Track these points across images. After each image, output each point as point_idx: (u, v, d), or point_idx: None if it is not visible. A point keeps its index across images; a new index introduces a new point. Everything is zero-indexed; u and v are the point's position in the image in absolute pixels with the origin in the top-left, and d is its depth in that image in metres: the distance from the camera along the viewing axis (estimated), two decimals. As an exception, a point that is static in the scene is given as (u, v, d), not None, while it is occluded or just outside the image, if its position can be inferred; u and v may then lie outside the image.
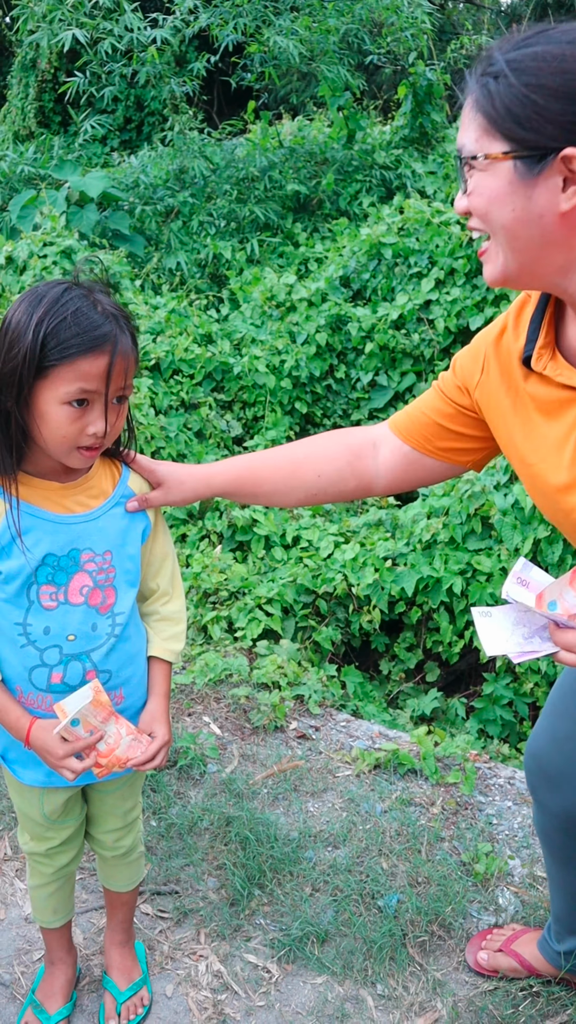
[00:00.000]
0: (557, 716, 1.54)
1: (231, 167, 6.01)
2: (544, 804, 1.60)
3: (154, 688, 1.47)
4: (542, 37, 0.99)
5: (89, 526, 1.34)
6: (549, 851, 1.68)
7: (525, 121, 0.97)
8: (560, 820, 1.59)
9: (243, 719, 2.67)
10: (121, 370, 1.22)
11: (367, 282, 4.91)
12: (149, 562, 1.45)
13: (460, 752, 2.53)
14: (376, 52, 6.50)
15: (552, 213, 1.00)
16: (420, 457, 1.39)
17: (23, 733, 1.33)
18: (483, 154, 1.00)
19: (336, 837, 2.20)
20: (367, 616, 3.20)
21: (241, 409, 4.39)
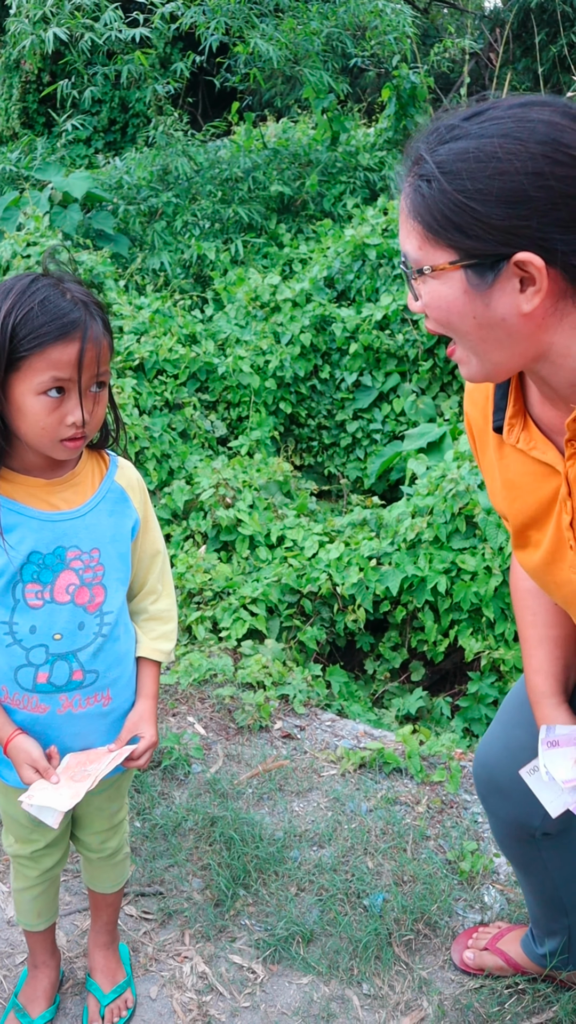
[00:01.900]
0: (512, 725, 1.52)
1: (215, 168, 6.01)
2: (496, 813, 1.59)
3: (142, 689, 1.45)
4: (472, 127, 0.93)
5: (75, 523, 1.32)
6: (509, 858, 1.67)
7: (468, 229, 0.92)
8: (512, 828, 1.58)
9: (228, 719, 2.66)
10: (93, 356, 1.21)
11: (351, 283, 4.92)
12: (139, 559, 1.44)
13: (445, 751, 2.53)
14: (360, 55, 6.51)
15: (514, 315, 0.96)
16: None
17: (2, 742, 1.32)
18: (429, 266, 0.96)
19: (321, 836, 2.19)
20: (352, 616, 3.20)
21: (225, 409, 4.38)
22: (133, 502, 1.40)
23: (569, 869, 1.60)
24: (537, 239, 0.91)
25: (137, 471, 1.45)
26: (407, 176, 0.96)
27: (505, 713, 1.57)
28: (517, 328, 0.97)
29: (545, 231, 0.90)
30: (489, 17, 15.28)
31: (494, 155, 0.89)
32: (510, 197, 0.89)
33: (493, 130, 0.91)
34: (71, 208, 5.11)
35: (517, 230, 0.90)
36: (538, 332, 0.98)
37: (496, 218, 0.90)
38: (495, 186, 0.89)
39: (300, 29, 5.81)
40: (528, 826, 1.53)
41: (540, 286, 0.93)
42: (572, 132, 0.90)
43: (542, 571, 1.21)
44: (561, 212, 0.90)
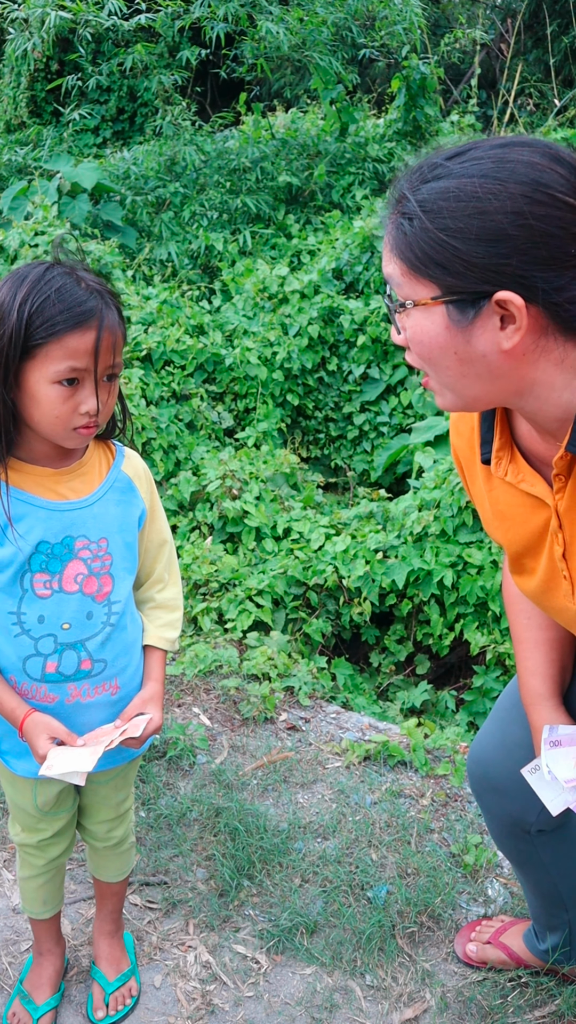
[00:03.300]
0: (509, 722, 1.52)
1: (223, 158, 5.98)
2: (491, 810, 1.60)
3: (149, 673, 1.44)
4: (454, 166, 0.93)
5: (83, 512, 1.32)
6: (506, 854, 1.68)
7: (449, 266, 0.93)
8: (508, 825, 1.58)
9: (233, 710, 2.66)
10: (109, 345, 1.21)
11: (360, 275, 4.90)
12: (146, 548, 1.44)
13: (450, 744, 2.53)
14: (369, 46, 6.47)
15: (495, 352, 0.96)
16: None
17: (18, 722, 1.32)
18: (411, 301, 0.96)
19: (326, 828, 2.20)
20: (357, 608, 3.20)
21: (232, 401, 4.38)
22: (140, 492, 1.40)
23: (566, 864, 1.61)
24: (517, 277, 0.92)
25: (143, 461, 1.45)
26: (390, 214, 0.98)
27: (500, 711, 1.57)
28: (497, 364, 0.97)
29: (525, 269, 0.91)
30: (501, 7, 15.18)
31: (474, 195, 0.91)
32: (490, 236, 0.91)
33: (474, 170, 0.92)
34: (80, 198, 5.10)
35: (498, 268, 0.91)
36: (519, 368, 0.98)
37: (476, 256, 0.91)
38: (475, 225, 0.91)
39: (308, 19, 5.78)
40: (523, 822, 1.54)
41: (520, 324, 0.94)
42: (551, 172, 0.91)
43: (540, 597, 1.23)
44: (541, 251, 0.91)
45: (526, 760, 1.41)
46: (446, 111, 10.89)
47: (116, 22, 5.37)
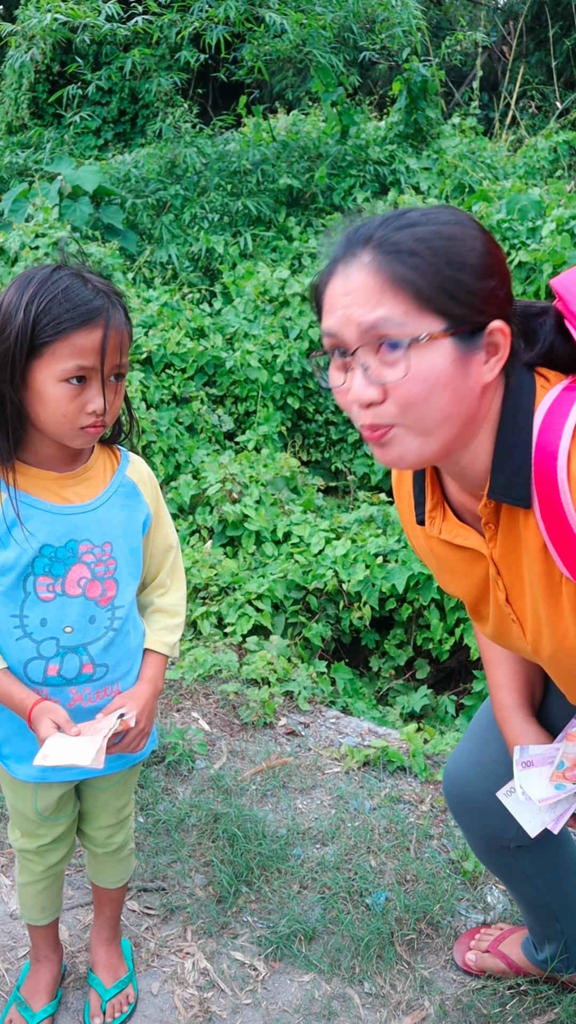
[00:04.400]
0: (485, 740, 1.52)
1: (223, 160, 5.98)
2: (470, 828, 1.60)
3: (142, 675, 1.42)
4: (416, 217, 0.96)
5: (87, 516, 1.32)
6: (491, 869, 1.68)
7: (459, 297, 0.93)
8: (487, 843, 1.58)
9: (232, 715, 2.66)
10: (116, 344, 1.22)
11: (360, 278, 4.90)
12: (151, 553, 1.44)
13: (449, 749, 2.52)
14: (370, 48, 6.47)
15: (477, 387, 0.97)
16: None
17: (27, 712, 1.30)
18: (426, 334, 0.92)
19: (324, 834, 2.19)
20: (357, 613, 3.19)
21: (233, 404, 4.37)
22: (144, 497, 1.40)
23: (551, 875, 1.61)
24: (502, 308, 0.97)
25: (148, 466, 1.45)
26: (362, 252, 0.95)
27: (476, 728, 1.57)
28: (475, 402, 0.98)
29: (505, 301, 0.98)
30: (503, 9, 15.18)
31: (454, 236, 0.94)
32: (485, 270, 0.95)
33: (440, 218, 0.96)
34: (81, 201, 5.10)
35: (492, 299, 0.96)
36: (481, 407, 1.00)
37: (477, 288, 0.94)
38: (474, 260, 0.95)
39: (308, 20, 5.77)
40: (502, 839, 1.54)
41: (502, 354, 0.97)
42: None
43: (498, 639, 1.25)
44: (507, 286, 0.98)
45: (503, 777, 1.41)
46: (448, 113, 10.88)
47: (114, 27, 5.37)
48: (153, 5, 5.67)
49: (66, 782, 1.45)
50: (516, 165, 7.49)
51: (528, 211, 4.79)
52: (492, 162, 7.02)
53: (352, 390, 0.95)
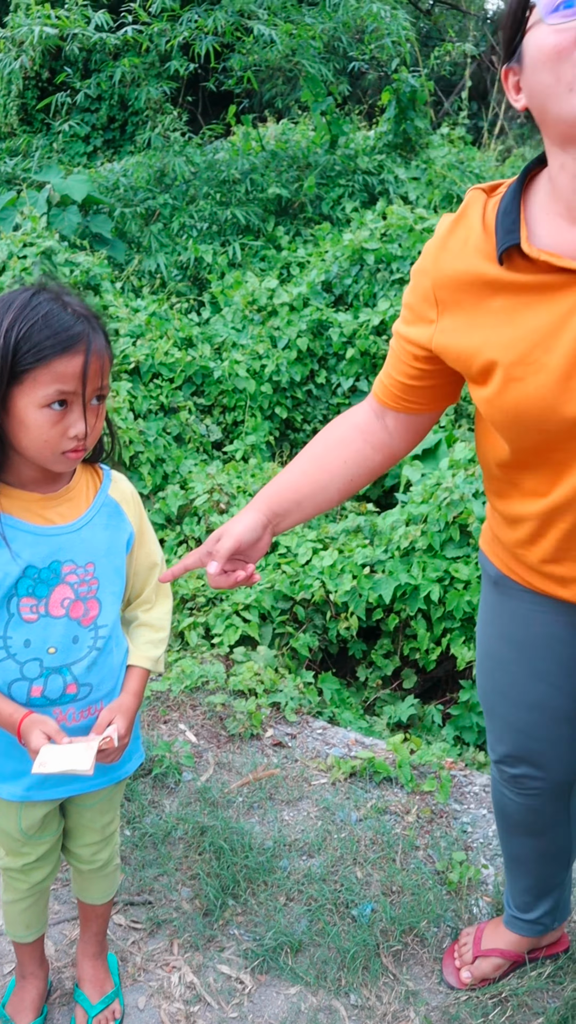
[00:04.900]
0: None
1: (212, 170, 6.00)
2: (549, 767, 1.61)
3: (125, 687, 1.42)
4: None
5: (70, 537, 1.33)
6: (534, 825, 1.68)
7: None
8: (560, 788, 1.62)
9: (219, 726, 2.66)
10: (97, 369, 1.22)
11: (349, 287, 4.92)
12: (135, 571, 1.45)
13: (436, 760, 2.54)
14: (359, 59, 6.51)
15: None
16: (415, 416, 1.40)
17: (16, 726, 1.30)
18: None
19: (311, 846, 2.20)
20: (344, 623, 3.20)
21: (221, 413, 4.39)
22: (128, 515, 1.41)
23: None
24: None
25: (131, 484, 1.46)
26: None
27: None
28: None
29: None
30: (492, 20, 15.29)
31: None
32: None
33: None
34: (69, 210, 5.11)
35: None
36: None
37: None
38: None
39: (297, 31, 5.81)
40: (569, 782, 1.59)
41: None
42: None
43: (549, 399, 1.14)
44: None
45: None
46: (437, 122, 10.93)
47: (103, 36, 5.39)
48: (143, 15, 5.70)
49: (50, 800, 1.46)
50: (505, 175, 7.55)
51: (515, 222, 4.83)
52: (481, 172, 7.07)
53: None
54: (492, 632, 1.52)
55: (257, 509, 1.38)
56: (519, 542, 1.36)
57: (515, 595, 1.44)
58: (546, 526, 1.29)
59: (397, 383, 1.36)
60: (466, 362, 1.23)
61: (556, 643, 1.42)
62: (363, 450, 1.40)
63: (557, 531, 1.28)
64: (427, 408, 1.38)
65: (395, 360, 1.36)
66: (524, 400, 1.16)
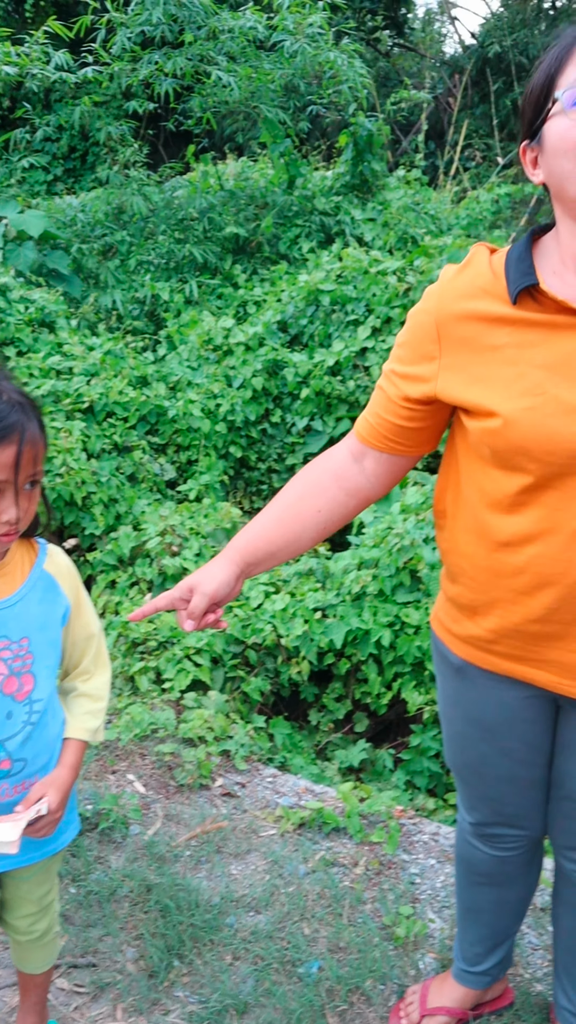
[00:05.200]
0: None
1: (170, 207, 6.05)
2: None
3: (61, 760, 1.40)
4: None
5: (5, 613, 1.32)
6: (503, 879, 1.70)
7: None
8: (535, 846, 1.66)
9: (168, 776, 2.64)
10: (30, 458, 1.22)
11: (304, 328, 4.98)
12: (72, 643, 1.44)
13: (385, 809, 2.54)
14: (317, 102, 6.63)
15: None
16: (397, 458, 1.41)
17: None
18: None
19: (258, 901, 2.18)
20: (296, 668, 3.21)
21: (175, 452, 4.39)
22: (63, 589, 1.40)
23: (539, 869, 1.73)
24: None
25: (67, 556, 1.45)
26: None
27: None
28: None
29: None
30: (448, 63, 15.69)
31: None
32: None
33: None
34: (25, 245, 5.10)
35: None
36: None
37: None
38: None
39: (257, 75, 5.90)
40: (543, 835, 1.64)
41: None
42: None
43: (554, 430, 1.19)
44: None
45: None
46: (395, 161, 11.14)
47: (64, 76, 5.42)
48: (104, 55, 5.75)
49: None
50: (459, 216, 7.71)
51: (467, 267, 4.93)
52: (436, 213, 7.21)
53: None
54: (457, 715, 1.54)
55: (230, 560, 1.39)
56: (481, 621, 1.38)
57: (478, 681, 1.45)
58: (519, 594, 1.30)
59: (386, 423, 1.37)
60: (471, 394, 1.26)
61: (520, 723, 1.45)
62: (337, 496, 1.42)
63: (526, 606, 1.30)
64: (412, 450, 1.40)
65: (385, 401, 1.37)
66: (530, 430, 1.20)
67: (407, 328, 1.34)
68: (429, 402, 1.32)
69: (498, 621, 1.34)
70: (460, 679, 1.48)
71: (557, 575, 1.25)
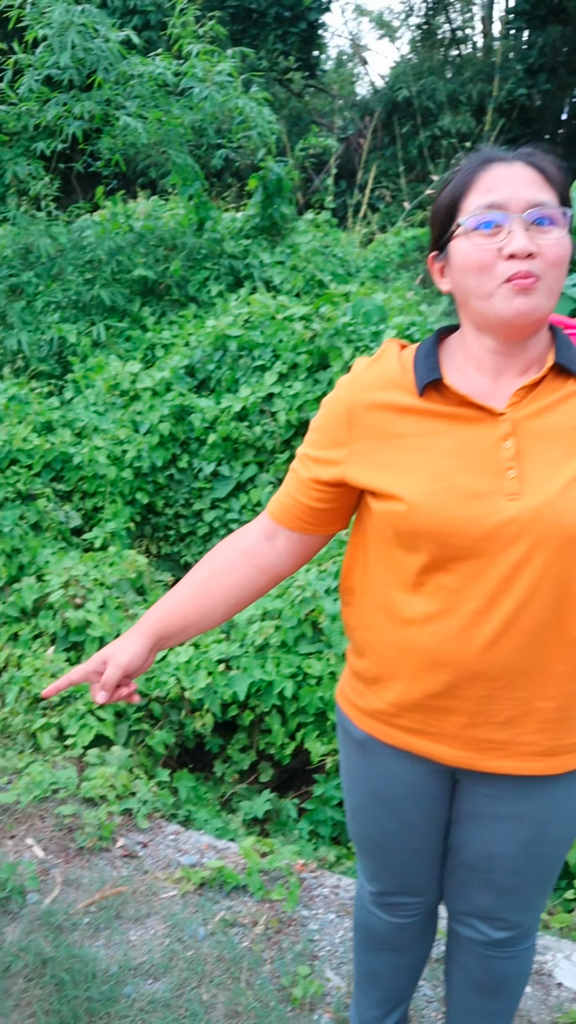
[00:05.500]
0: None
1: (78, 249, 6.04)
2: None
3: None
4: (544, 154, 1.30)
5: None
6: (410, 941, 1.75)
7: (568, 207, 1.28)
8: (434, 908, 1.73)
9: (68, 839, 2.61)
10: None
11: (212, 373, 5.03)
12: None
13: (286, 865, 2.57)
14: (227, 146, 6.74)
15: None
16: (308, 537, 1.48)
17: None
18: (571, 213, 1.26)
19: (156, 968, 2.18)
20: (200, 720, 3.22)
21: (81, 499, 4.36)
22: None
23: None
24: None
25: None
26: (516, 159, 1.28)
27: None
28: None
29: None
30: (359, 105, 16.15)
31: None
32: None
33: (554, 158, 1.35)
34: None
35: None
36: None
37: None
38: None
39: (166, 120, 5.97)
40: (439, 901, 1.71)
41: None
42: None
43: (455, 515, 1.27)
44: None
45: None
46: (307, 200, 11.36)
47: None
48: (12, 95, 5.73)
49: None
50: (367, 259, 7.92)
51: (372, 315, 5.08)
52: (344, 255, 7.39)
53: (517, 242, 1.21)
54: (360, 789, 1.58)
55: (143, 634, 1.44)
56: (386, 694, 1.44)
57: (380, 756, 1.50)
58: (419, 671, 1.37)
59: (298, 503, 1.45)
60: (377, 479, 1.34)
61: (422, 798, 1.51)
62: (249, 574, 1.48)
63: (427, 681, 1.37)
64: (322, 530, 1.48)
65: (297, 483, 1.45)
66: (432, 513, 1.28)
67: (320, 414, 1.43)
68: (338, 485, 1.41)
69: (400, 695, 1.41)
70: (363, 754, 1.54)
71: (455, 653, 1.33)
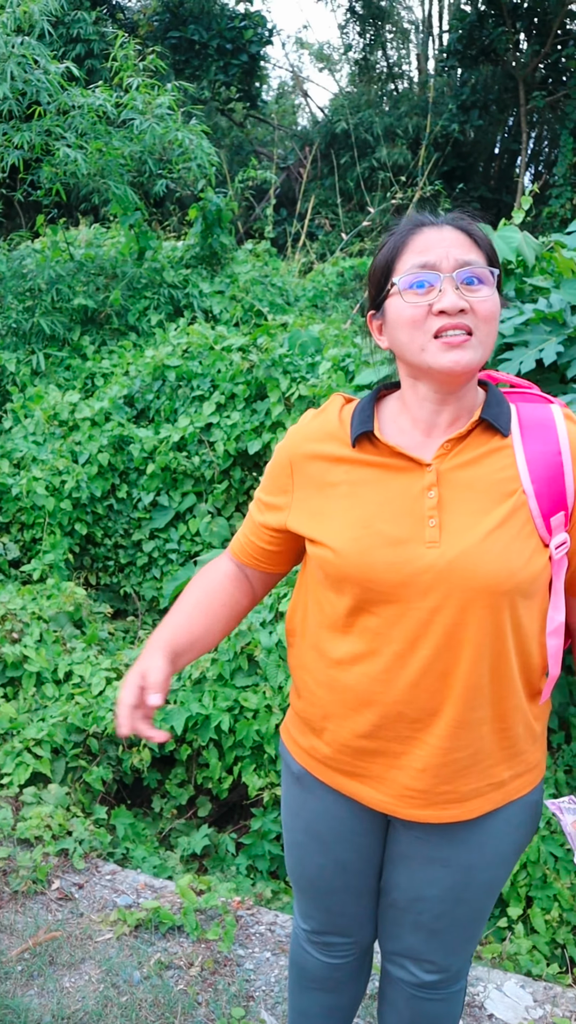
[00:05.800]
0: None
1: (18, 277, 6.01)
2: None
3: None
4: (470, 219, 1.39)
5: None
6: (347, 981, 1.78)
7: (495, 267, 1.36)
8: (369, 949, 1.76)
9: (2, 883, 2.57)
10: None
11: (151, 403, 5.03)
12: None
13: (222, 903, 2.57)
14: (167, 177, 6.79)
15: None
16: (268, 574, 1.60)
17: None
18: (498, 272, 1.34)
19: (90, 1016, 2.16)
20: (138, 755, 3.20)
21: (19, 531, 4.32)
22: None
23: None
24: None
25: None
26: (444, 223, 1.37)
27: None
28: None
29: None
30: (300, 135, 16.40)
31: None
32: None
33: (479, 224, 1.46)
34: None
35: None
36: None
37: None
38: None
39: (106, 150, 6.00)
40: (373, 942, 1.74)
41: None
42: None
43: (377, 560, 1.33)
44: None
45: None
46: (243, 236, 11.47)
47: None
48: None
49: None
50: (306, 289, 8.03)
51: (308, 347, 5.15)
52: (283, 285, 7.49)
53: (448, 299, 1.29)
54: (297, 825, 1.62)
55: (159, 648, 1.45)
56: (323, 734, 1.49)
57: (316, 792, 1.55)
58: (352, 707, 1.43)
59: (251, 543, 1.56)
60: (310, 525, 1.42)
61: (355, 836, 1.55)
62: (235, 595, 1.58)
63: (354, 721, 1.42)
64: (276, 568, 1.58)
65: (252, 525, 1.55)
66: (356, 558, 1.35)
67: (271, 461, 1.52)
68: (281, 531, 1.50)
69: (332, 735, 1.47)
70: (300, 788, 1.58)
71: (378, 695, 1.39)
